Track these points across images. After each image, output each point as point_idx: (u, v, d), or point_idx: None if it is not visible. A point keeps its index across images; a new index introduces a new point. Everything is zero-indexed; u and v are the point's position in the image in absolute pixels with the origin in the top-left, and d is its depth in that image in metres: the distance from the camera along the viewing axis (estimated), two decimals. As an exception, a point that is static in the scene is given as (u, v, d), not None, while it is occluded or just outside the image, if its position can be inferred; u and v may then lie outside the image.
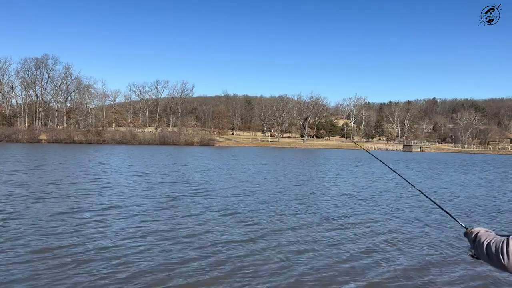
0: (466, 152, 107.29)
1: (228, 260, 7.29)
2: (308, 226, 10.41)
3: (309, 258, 7.65)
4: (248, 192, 16.33)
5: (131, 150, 56.20)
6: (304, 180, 22.32)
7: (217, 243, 8.36)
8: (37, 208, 11.52)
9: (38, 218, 10.15)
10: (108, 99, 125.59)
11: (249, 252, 7.85)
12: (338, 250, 8.23)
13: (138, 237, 8.58)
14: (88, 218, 10.37)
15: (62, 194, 14.27)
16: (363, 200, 15.27)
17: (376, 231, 10.10)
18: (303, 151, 77.79)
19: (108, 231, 9.05)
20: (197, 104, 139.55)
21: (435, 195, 17.12)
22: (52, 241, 8.20)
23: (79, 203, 12.49)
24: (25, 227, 9.23)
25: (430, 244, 8.95)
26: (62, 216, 10.54)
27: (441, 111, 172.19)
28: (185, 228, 9.67)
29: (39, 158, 32.60)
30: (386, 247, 8.58)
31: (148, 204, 12.52)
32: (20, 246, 7.78)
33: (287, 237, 9.21)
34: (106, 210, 11.34)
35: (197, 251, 7.69)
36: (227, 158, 42.29)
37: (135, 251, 7.56)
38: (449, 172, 30.49)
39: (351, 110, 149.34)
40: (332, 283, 6.40)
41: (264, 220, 10.83)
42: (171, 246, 8.02)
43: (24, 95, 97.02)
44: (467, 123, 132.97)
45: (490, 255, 2.05)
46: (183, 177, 21.30)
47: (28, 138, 76.11)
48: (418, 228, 10.59)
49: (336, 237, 9.33)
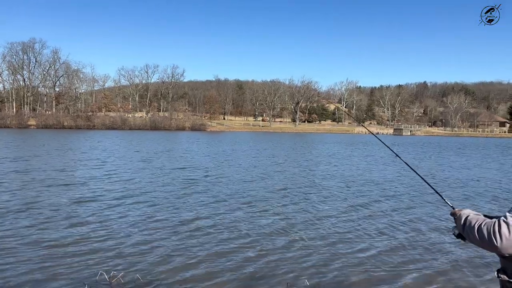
0: (455, 135, 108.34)
1: (256, 251, 7.16)
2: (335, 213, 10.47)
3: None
4: (267, 178, 16.04)
5: (124, 135, 55.77)
6: (312, 165, 22.24)
7: (246, 232, 8.22)
8: (53, 196, 11.39)
9: (57, 206, 9.99)
10: (98, 84, 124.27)
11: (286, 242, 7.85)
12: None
13: (160, 226, 8.30)
14: (104, 206, 10.05)
15: (72, 181, 14.03)
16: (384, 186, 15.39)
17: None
18: (296, 135, 77.95)
19: (131, 219, 8.82)
20: (188, 89, 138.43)
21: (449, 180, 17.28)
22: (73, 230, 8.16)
23: (93, 191, 12.29)
24: (54, 213, 9.19)
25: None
26: (79, 204, 10.48)
27: (431, 95, 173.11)
28: (214, 215, 9.44)
29: (36, 144, 32.08)
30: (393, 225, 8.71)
31: (162, 192, 12.07)
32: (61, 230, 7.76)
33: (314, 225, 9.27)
34: (124, 199, 10.88)
35: (230, 243, 7.41)
36: (225, 143, 42.06)
37: (159, 241, 7.30)
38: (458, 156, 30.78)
39: (342, 94, 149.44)
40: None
41: (291, 210, 10.62)
42: (201, 236, 7.84)
43: (11, 80, 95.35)
44: (457, 106, 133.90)
45: (482, 238, 2.07)
46: (190, 163, 20.79)
47: (16, 124, 75.07)
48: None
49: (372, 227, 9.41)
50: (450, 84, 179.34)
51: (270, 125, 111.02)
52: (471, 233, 2.16)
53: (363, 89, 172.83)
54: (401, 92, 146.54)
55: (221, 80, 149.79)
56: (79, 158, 22.02)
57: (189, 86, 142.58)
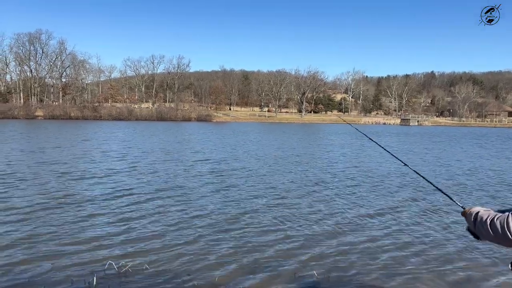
0: (463, 125, 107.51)
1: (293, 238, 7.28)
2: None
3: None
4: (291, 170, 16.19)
5: (132, 126, 55.89)
6: (331, 157, 22.18)
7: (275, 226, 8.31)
8: (80, 189, 11.47)
9: (86, 198, 10.10)
10: (104, 75, 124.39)
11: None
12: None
13: (172, 218, 8.33)
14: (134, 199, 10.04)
15: (92, 173, 14.15)
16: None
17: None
18: (303, 126, 77.76)
19: (145, 211, 8.82)
20: (194, 80, 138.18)
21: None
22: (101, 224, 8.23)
23: (112, 182, 12.40)
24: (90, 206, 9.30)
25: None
26: (91, 194, 10.58)
27: (439, 85, 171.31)
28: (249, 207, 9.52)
29: (52, 136, 32.22)
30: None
31: (179, 185, 11.95)
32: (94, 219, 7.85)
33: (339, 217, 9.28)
34: (158, 192, 10.78)
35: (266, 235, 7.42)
36: (236, 134, 42.03)
37: (194, 234, 7.31)
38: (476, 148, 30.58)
39: (349, 84, 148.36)
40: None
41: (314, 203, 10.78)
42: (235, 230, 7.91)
43: (18, 71, 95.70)
44: (465, 96, 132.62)
45: (495, 232, 2.04)
46: (209, 155, 20.73)
47: (24, 115, 75.51)
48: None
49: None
50: (458, 73, 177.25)
51: (276, 115, 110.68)
52: (483, 228, 2.12)
53: (370, 79, 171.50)
54: (408, 82, 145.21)
55: (227, 71, 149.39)
56: (101, 149, 22.09)
57: (195, 76, 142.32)
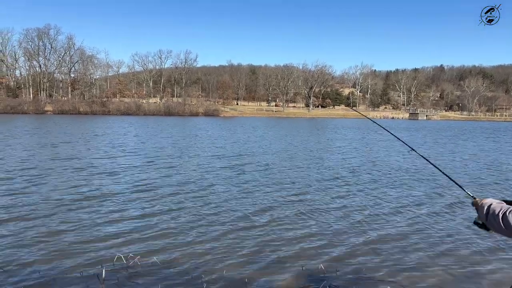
0: (472, 119, 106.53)
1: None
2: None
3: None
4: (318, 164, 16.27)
5: (143, 121, 56.16)
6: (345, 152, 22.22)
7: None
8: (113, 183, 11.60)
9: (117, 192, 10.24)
10: (112, 70, 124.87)
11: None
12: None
13: (183, 213, 8.40)
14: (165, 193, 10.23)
15: (106, 168, 14.30)
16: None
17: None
18: (311, 121, 77.53)
19: (158, 206, 8.90)
20: (201, 74, 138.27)
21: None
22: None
23: (128, 177, 12.52)
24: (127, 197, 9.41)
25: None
26: (105, 190, 10.68)
27: (448, 79, 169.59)
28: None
29: (66, 131, 32.49)
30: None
31: (193, 180, 11.97)
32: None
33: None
34: (173, 187, 10.84)
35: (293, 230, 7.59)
36: (245, 129, 42.15)
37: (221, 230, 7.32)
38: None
39: (357, 78, 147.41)
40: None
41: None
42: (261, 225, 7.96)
43: (27, 66, 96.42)
44: (475, 90, 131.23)
45: (507, 226, 2.06)
46: (223, 150, 20.75)
47: (33, 110, 76.09)
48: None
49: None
50: (468, 67, 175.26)
51: (283, 110, 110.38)
52: (495, 222, 2.13)
53: (378, 73, 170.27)
54: (417, 75, 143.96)
55: (234, 65, 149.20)
56: (115, 144, 22.30)
57: (202, 71, 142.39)
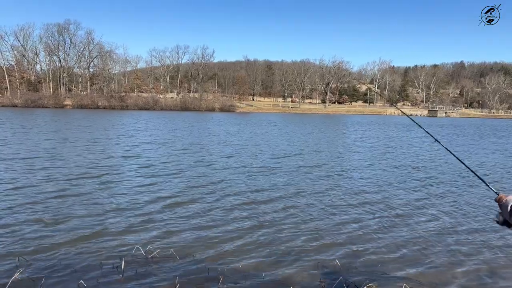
0: (493, 117, 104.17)
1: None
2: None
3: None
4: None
5: (161, 116, 56.58)
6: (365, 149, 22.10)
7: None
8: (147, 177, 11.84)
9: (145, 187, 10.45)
10: (130, 65, 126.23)
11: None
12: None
13: (202, 207, 8.56)
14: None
15: (137, 161, 14.61)
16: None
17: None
18: (327, 117, 76.96)
19: (179, 199, 9.11)
20: (218, 70, 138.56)
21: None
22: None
23: (156, 170, 12.71)
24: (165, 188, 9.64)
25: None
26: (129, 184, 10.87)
27: (468, 75, 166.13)
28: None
29: (91, 125, 32.90)
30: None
31: (214, 175, 12.09)
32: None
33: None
34: (195, 181, 11.04)
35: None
36: (263, 124, 42.06)
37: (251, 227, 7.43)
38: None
39: (374, 74, 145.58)
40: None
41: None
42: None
43: (48, 61, 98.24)
44: (496, 87, 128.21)
45: None
46: (243, 146, 20.62)
47: (53, 104, 77.47)
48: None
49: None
50: (489, 63, 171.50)
51: (299, 106, 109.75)
52: None
53: (396, 69, 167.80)
54: (436, 72, 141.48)
55: (250, 61, 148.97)
56: (140, 138, 22.77)
57: (218, 67, 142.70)
